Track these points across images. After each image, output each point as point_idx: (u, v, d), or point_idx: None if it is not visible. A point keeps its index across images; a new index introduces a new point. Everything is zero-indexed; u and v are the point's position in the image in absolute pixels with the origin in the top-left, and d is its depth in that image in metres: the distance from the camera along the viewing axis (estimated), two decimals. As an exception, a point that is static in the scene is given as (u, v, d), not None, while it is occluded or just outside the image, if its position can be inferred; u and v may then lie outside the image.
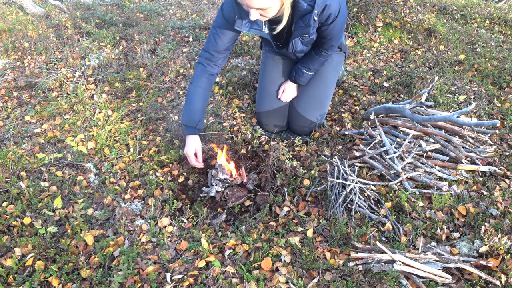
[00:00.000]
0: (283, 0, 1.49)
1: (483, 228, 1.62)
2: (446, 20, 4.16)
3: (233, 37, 1.85)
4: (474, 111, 2.51)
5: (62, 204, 1.85)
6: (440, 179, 1.95)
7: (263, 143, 2.32)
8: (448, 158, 2.01)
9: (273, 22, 1.69)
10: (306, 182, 1.97)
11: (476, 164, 1.99)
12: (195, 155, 1.95)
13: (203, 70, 1.88)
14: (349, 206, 1.79)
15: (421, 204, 1.79)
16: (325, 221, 1.73)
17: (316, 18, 1.63)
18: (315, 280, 1.43)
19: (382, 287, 1.39)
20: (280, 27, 1.63)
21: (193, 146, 1.93)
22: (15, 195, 1.87)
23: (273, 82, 2.29)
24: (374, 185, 1.88)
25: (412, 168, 1.97)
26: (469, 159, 2.03)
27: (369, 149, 2.05)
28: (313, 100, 2.24)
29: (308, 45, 1.91)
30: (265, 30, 1.78)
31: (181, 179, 2.09)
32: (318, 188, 1.90)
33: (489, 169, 1.95)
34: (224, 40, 1.82)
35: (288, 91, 2.25)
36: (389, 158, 1.96)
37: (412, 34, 3.69)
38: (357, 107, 2.57)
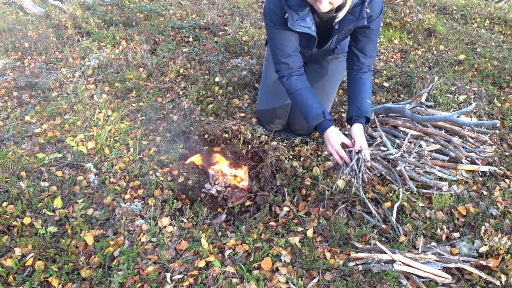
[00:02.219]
0: None
1: (483, 228, 1.62)
2: (446, 20, 4.16)
3: (292, 36, 1.67)
4: (474, 111, 2.51)
5: (62, 204, 1.85)
6: (440, 179, 1.95)
7: (263, 143, 2.32)
8: (448, 158, 2.01)
9: (336, 9, 1.56)
10: (308, 181, 1.97)
11: (476, 164, 1.99)
12: (344, 146, 1.67)
13: (289, 77, 1.75)
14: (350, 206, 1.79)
15: (421, 204, 1.79)
16: (325, 221, 1.73)
17: (368, 10, 1.54)
18: (315, 280, 1.43)
19: (382, 287, 1.39)
20: (343, 12, 1.52)
21: (337, 139, 1.65)
22: (15, 195, 1.87)
23: (275, 80, 2.28)
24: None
25: (412, 168, 1.97)
26: (469, 159, 2.03)
27: (371, 149, 2.05)
28: (316, 101, 2.22)
29: (339, 43, 1.84)
30: (313, 28, 1.64)
31: (181, 179, 2.09)
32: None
33: (489, 169, 1.95)
34: (286, 42, 1.68)
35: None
36: (390, 159, 1.96)
37: (412, 34, 3.69)
38: (357, 107, 2.57)
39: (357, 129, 1.68)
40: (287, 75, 1.75)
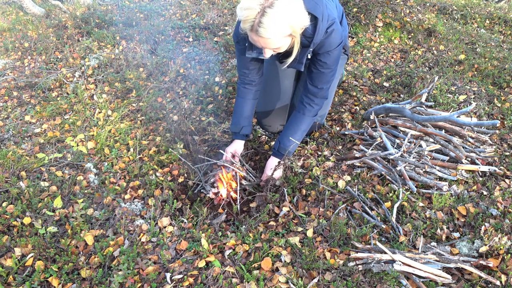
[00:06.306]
0: (293, 37, 1.57)
1: (483, 228, 1.62)
2: (446, 20, 4.16)
3: (247, 58, 1.86)
4: (474, 111, 2.51)
5: (62, 204, 1.85)
6: (440, 179, 1.95)
7: (263, 143, 2.32)
8: (448, 158, 2.01)
9: (284, 56, 1.75)
10: (308, 181, 1.97)
11: (476, 164, 1.99)
12: (233, 156, 2.06)
13: (241, 82, 2.03)
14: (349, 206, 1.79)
15: (421, 204, 1.79)
16: (325, 221, 1.73)
17: (309, 56, 1.73)
18: (315, 280, 1.43)
19: (382, 287, 1.39)
20: (290, 60, 1.70)
21: (234, 147, 2.06)
22: (15, 195, 1.87)
23: (274, 82, 2.29)
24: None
25: (412, 168, 1.97)
26: (469, 159, 2.03)
27: (371, 149, 2.05)
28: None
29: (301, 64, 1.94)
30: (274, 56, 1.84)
31: (181, 179, 2.09)
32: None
33: (489, 169, 1.95)
34: (242, 60, 1.92)
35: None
36: (390, 159, 1.96)
37: (412, 34, 3.69)
38: (357, 107, 2.57)
39: (270, 161, 2.02)
40: (241, 81, 2.02)
